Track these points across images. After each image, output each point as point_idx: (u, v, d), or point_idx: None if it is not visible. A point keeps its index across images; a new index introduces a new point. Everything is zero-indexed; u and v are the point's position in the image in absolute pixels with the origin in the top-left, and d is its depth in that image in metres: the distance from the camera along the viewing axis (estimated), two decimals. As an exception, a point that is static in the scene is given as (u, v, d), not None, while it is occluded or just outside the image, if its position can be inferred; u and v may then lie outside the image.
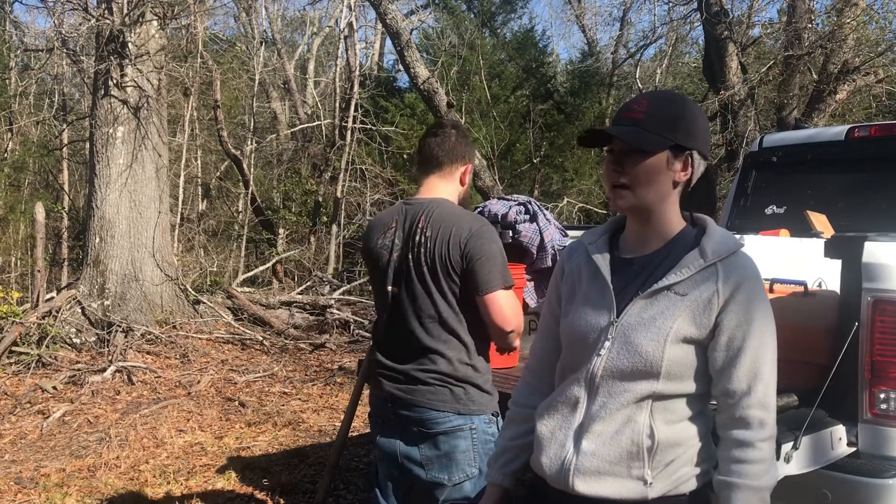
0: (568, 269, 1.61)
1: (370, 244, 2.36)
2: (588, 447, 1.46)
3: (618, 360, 1.44)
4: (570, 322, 1.54)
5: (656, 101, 1.49)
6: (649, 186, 1.45)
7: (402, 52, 8.40)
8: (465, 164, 2.36)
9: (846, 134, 4.11)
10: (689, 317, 1.42)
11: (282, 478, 4.40)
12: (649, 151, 1.43)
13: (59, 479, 4.35)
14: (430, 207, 2.25)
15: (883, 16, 10.79)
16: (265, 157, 16.81)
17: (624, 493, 1.44)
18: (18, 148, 15.12)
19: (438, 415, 2.20)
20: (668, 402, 1.45)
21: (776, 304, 2.62)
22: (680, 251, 1.47)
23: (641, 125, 1.44)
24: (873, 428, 2.25)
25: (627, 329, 1.44)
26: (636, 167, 1.44)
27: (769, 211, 4.27)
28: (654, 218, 1.49)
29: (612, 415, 1.45)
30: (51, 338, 6.98)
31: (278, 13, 19.35)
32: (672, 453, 1.45)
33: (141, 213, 8.14)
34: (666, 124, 1.44)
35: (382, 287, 2.31)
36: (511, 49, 18.34)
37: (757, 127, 9.80)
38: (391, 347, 2.31)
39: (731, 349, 1.42)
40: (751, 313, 1.41)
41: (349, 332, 8.99)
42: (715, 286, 1.42)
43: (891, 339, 2.22)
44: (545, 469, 1.52)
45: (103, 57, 7.91)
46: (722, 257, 1.43)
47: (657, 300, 1.44)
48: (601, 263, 1.53)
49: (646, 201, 1.46)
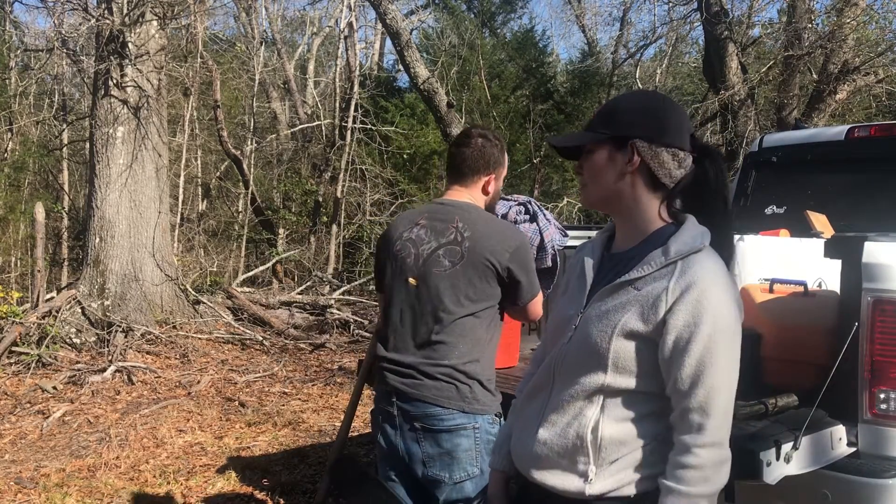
0: (569, 266, 1.68)
1: (394, 237, 2.38)
2: (542, 435, 1.51)
3: (573, 350, 1.49)
4: (553, 313, 1.64)
5: (614, 100, 1.56)
6: (596, 181, 1.51)
7: (402, 52, 8.41)
8: (488, 175, 2.39)
9: (846, 134, 4.11)
10: (638, 311, 1.41)
11: (282, 478, 4.40)
12: (588, 149, 1.52)
13: (59, 479, 4.35)
14: (467, 210, 2.32)
15: (883, 16, 10.79)
16: (265, 157, 16.80)
17: (565, 486, 1.48)
18: (18, 148, 15.12)
19: (442, 411, 2.20)
20: (619, 398, 1.45)
21: (776, 305, 2.64)
22: (649, 248, 1.47)
23: (590, 126, 1.53)
24: (873, 428, 2.25)
25: (586, 320, 1.48)
26: (585, 165, 1.53)
27: (769, 211, 4.27)
28: (630, 215, 1.52)
29: (565, 405, 1.48)
30: (51, 338, 6.97)
31: (278, 13, 19.36)
32: (617, 452, 1.44)
33: (141, 213, 8.14)
34: (602, 119, 1.51)
35: (401, 279, 2.33)
36: (511, 49, 18.35)
37: (757, 127, 9.79)
38: (401, 341, 2.31)
39: (677, 349, 1.37)
40: (700, 315, 1.36)
41: (349, 332, 9.00)
42: (667, 283, 1.39)
43: (891, 339, 2.22)
44: (514, 457, 1.60)
45: (103, 57, 7.91)
46: (682, 255, 1.41)
47: (617, 294, 1.46)
48: (588, 258, 1.58)
49: (597, 196, 1.52)
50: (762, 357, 2.56)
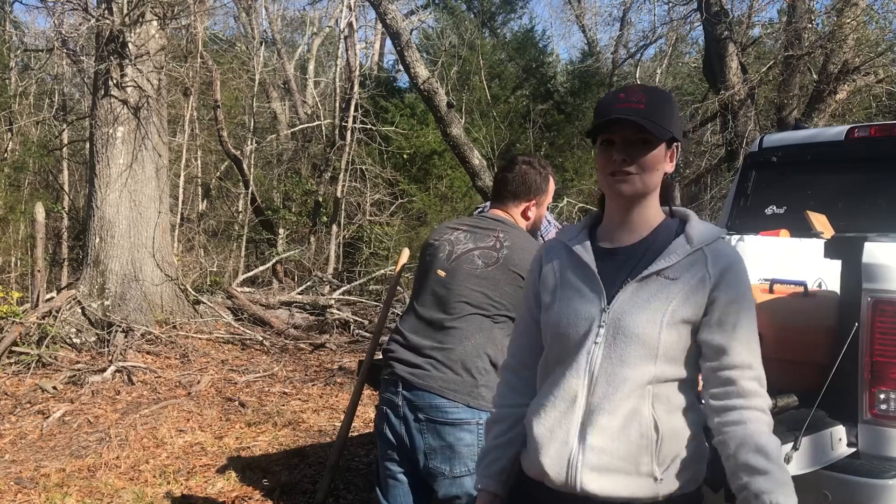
0: (547, 267, 1.61)
1: (434, 238, 2.47)
2: (595, 442, 1.43)
3: (616, 346, 1.44)
4: (557, 314, 1.53)
5: (653, 93, 1.52)
6: (654, 174, 1.49)
7: (402, 52, 8.40)
8: (528, 201, 2.46)
9: (846, 134, 4.10)
10: (683, 298, 1.44)
11: (282, 478, 4.40)
12: (655, 141, 1.47)
13: (59, 479, 4.35)
14: (510, 226, 2.42)
15: (883, 16, 10.80)
16: (265, 157, 16.80)
17: (634, 492, 1.42)
18: (18, 148, 15.12)
19: (448, 403, 2.21)
20: (665, 388, 1.45)
21: (776, 305, 2.63)
22: (664, 239, 1.51)
23: (645, 115, 1.45)
24: (873, 428, 2.25)
25: (621, 314, 1.45)
26: (644, 155, 1.47)
27: (769, 211, 4.26)
28: (643, 207, 1.52)
29: (616, 406, 1.43)
30: (51, 338, 6.97)
31: (278, 13, 19.37)
32: (675, 446, 1.44)
33: (141, 213, 8.14)
34: (665, 116, 1.48)
35: (432, 270, 2.39)
36: (511, 49, 18.34)
37: (757, 127, 9.80)
38: (417, 330, 2.35)
39: (725, 326, 1.44)
40: (741, 292, 1.46)
41: (349, 332, 9.00)
42: (705, 268, 1.46)
43: (891, 340, 2.22)
44: (546, 469, 1.46)
45: (103, 57, 7.91)
46: (707, 243, 1.48)
47: (647, 284, 1.46)
48: (585, 255, 1.54)
49: (646, 189, 1.50)
50: (762, 357, 2.56)
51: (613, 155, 1.47)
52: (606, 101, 1.51)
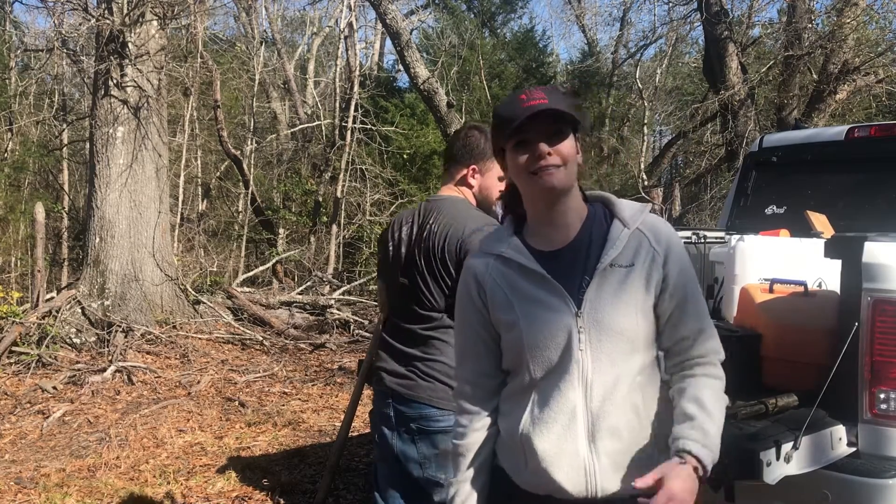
0: (489, 281, 1.54)
1: (388, 239, 2.40)
2: (607, 446, 1.44)
3: (602, 347, 1.44)
4: (528, 331, 1.47)
5: (550, 89, 1.51)
6: (573, 164, 1.49)
7: (402, 52, 8.40)
8: (466, 167, 2.32)
9: (846, 134, 4.10)
10: (645, 283, 1.47)
11: (282, 478, 4.40)
12: (567, 130, 1.47)
13: (59, 479, 4.35)
14: (441, 204, 2.29)
15: (883, 16, 10.81)
16: (265, 157, 16.80)
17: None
18: (18, 148, 15.12)
19: (438, 412, 2.20)
20: (645, 374, 1.49)
21: (776, 305, 2.64)
22: (599, 227, 1.52)
23: (552, 107, 1.45)
24: (873, 428, 2.25)
25: (596, 314, 1.45)
26: (563, 146, 1.46)
27: (769, 211, 4.26)
28: (570, 200, 1.51)
29: (617, 406, 1.44)
30: (51, 338, 6.97)
31: (278, 13, 19.37)
32: (662, 426, 1.48)
33: (141, 213, 8.13)
34: (572, 107, 1.48)
35: (394, 280, 2.33)
36: (511, 49, 18.35)
37: (757, 127, 9.80)
38: (397, 341, 2.32)
39: (676, 297, 1.49)
40: (683, 262, 1.52)
41: (349, 332, 9.00)
42: (650, 247, 1.49)
43: (891, 339, 2.22)
44: (562, 483, 1.45)
45: (103, 57, 7.91)
46: (641, 221, 1.51)
47: (607, 277, 1.47)
48: (530, 263, 1.50)
49: (573, 179, 1.50)
50: (762, 357, 2.56)
51: (535, 151, 1.45)
52: (509, 106, 1.48)
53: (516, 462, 1.53)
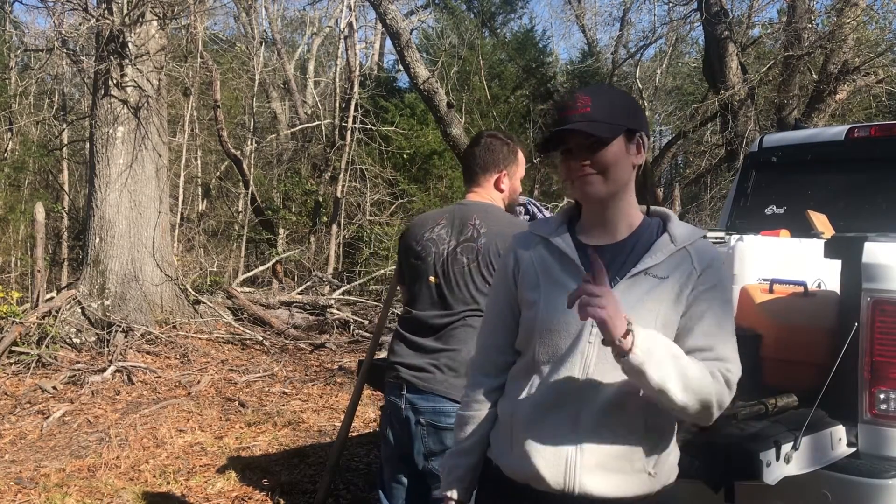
0: (526, 260, 1.58)
1: (415, 238, 2.44)
2: (594, 445, 1.42)
3: None
4: (544, 312, 1.49)
5: (598, 93, 1.51)
6: (612, 174, 1.47)
7: (402, 52, 8.40)
8: (499, 172, 2.43)
9: (846, 134, 4.10)
10: (674, 298, 1.45)
11: (282, 478, 4.40)
12: (607, 139, 1.46)
13: (59, 479, 4.35)
14: (484, 208, 2.38)
15: (883, 16, 10.81)
16: (265, 157, 16.80)
17: (634, 490, 1.43)
18: (18, 148, 15.12)
19: (451, 408, 2.21)
20: None
21: (776, 305, 2.63)
22: (648, 238, 1.52)
23: (593, 118, 1.45)
24: (873, 428, 2.24)
25: None
26: (602, 156, 1.46)
27: (769, 211, 4.26)
28: (618, 205, 1.52)
29: (611, 407, 1.42)
30: (51, 338, 6.97)
31: (278, 13, 19.36)
32: (662, 441, 1.47)
33: (141, 213, 8.14)
34: (616, 112, 1.48)
35: (422, 278, 2.38)
36: (511, 49, 18.35)
37: (757, 127, 9.81)
38: (419, 336, 2.36)
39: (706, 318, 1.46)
40: (721, 285, 1.50)
41: (349, 332, 9.00)
42: (691, 265, 1.48)
43: (891, 340, 2.22)
44: (542, 472, 1.44)
45: (103, 57, 7.91)
46: (690, 242, 1.51)
47: (637, 283, 1.46)
48: (569, 250, 1.52)
49: (611, 189, 1.48)
50: (762, 357, 2.56)
51: (572, 162, 1.48)
52: (557, 110, 1.50)
53: (503, 444, 1.54)
